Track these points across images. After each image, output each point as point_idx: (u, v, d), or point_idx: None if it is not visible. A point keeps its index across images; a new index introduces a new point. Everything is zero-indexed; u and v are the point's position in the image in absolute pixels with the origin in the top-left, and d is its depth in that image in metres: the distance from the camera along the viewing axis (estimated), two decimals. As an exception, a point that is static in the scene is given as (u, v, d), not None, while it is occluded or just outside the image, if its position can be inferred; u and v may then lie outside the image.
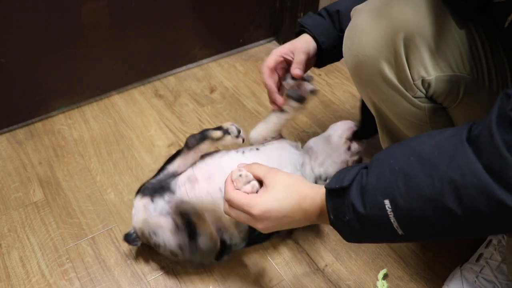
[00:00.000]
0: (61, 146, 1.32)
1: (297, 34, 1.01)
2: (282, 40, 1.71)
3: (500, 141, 0.52)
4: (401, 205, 0.59)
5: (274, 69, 0.97)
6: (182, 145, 1.29)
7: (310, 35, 0.98)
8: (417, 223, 0.60)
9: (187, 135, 1.33)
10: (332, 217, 0.68)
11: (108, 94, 1.49)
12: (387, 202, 0.60)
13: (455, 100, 0.76)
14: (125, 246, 1.06)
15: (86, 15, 1.30)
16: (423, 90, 0.75)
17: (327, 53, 0.99)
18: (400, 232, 0.61)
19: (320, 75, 1.55)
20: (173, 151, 1.29)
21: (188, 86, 1.53)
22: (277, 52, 0.97)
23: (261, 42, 1.72)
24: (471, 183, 0.54)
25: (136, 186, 1.19)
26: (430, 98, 0.77)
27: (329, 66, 1.08)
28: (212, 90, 1.52)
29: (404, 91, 0.76)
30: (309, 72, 1.00)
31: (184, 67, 1.59)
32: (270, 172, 0.74)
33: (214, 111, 1.43)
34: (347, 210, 0.65)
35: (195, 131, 1.34)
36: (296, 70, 0.93)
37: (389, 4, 0.74)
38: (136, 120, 1.40)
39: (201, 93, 1.51)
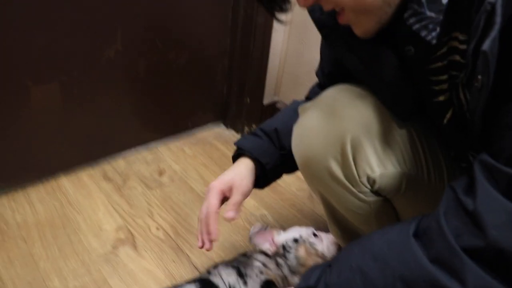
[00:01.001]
0: (2, 231, 1.28)
1: (235, 157, 1.01)
2: (229, 124, 1.78)
3: (447, 231, 0.56)
4: None
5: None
6: (131, 230, 1.30)
7: (251, 158, 0.99)
8: None
9: (136, 219, 1.34)
10: None
11: (55, 176, 1.47)
12: None
13: (398, 193, 0.83)
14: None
15: (36, 96, 1.31)
16: (368, 186, 0.82)
17: (271, 173, 1.00)
18: None
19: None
20: (121, 236, 1.29)
21: (137, 169, 1.55)
22: (217, 190, 0.94)
23: (209, 125, 1.78)
24: (419, 276, 0.57)
25: (82, 271, 1.17)
26: (375, 192, 0.83)
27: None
28: (161, 173, 1.54)
29: (350, 186, 0.82)
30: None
31: (133, 150, 1.61)
32: None
33: (163, 194, 1.45)
34: None
35: (144, 215, 1.36)
36: (229, 213, 0.92)
37: (337, 105, 0.81)
38: (83, 203, 1.39)
39: (150, 176, 1.52)
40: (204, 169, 1.57)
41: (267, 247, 1.03)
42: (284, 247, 1.00)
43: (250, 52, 1.60)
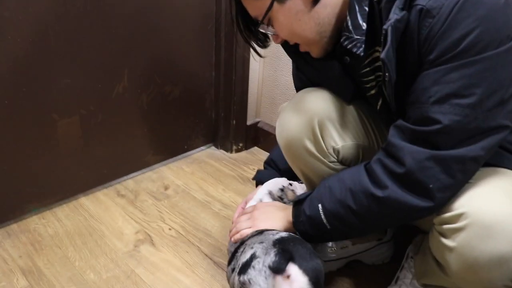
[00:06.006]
0: (38, 241, 1.51)
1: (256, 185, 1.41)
2: (219, 144, 2.08)
3: (379, 164, 0.90)
4: (326, 206, 0.96)
5: None
6: (148, 232, 1.55)
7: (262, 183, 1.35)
8: (335, 218, 0.96)
9: (151, 224, 1.59)
10: (293, 219, 1.04)
11: (75, 197, 1.72)
12: (319, 206, 0.97)
13: (357, 161, 1.12)
14: (110, 312, 1.26)
15: (61, 128, 1.58)
16: (335, 156, 1.11)
17: None
18: (328, 226, 0.96)
19: (254, 169, 1.91)
20: (140, 237, 1.54)
21: (145, 186, 1.81)
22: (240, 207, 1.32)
23: (202, 148, 2.07)
24: (359, 187, 0.91)
25: (112, 266, 1.41)
26: (340, 162, 1.12)
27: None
28: (166, 188, 1.80)
29: (322, 158, 1.11)
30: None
31: (139, 172, 1.88)
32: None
33: (170, 203, 1.71)
34: (302, 214, 1.01)
35: (157, 220, 1.61)
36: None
37: (305, 100, 1.11)
38: (104, 216, 1.64)
39: (157, 190, 1.79)
40: (202, 181, 1.85)
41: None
42: (279, 197, 1.28)
43: (233, 82, 1.91)
